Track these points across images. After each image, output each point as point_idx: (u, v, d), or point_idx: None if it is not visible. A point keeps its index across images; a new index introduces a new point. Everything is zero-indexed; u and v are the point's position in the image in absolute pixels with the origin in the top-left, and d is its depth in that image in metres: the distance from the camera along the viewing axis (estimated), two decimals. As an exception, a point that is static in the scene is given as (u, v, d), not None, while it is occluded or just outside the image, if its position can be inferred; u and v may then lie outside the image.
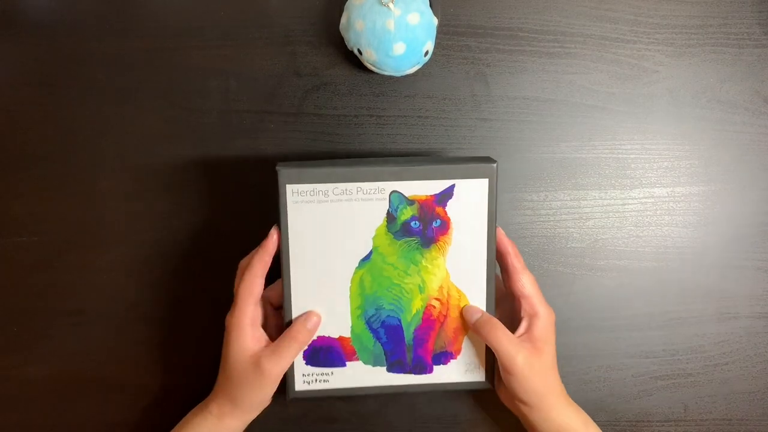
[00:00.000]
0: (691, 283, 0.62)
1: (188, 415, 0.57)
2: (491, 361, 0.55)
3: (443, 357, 0.55)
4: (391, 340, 0.55)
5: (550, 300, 0.54)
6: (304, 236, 0.52)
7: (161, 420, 0.62)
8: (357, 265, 0.53)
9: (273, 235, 0.52)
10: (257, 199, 0.60)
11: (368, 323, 0.54)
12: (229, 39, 0.59)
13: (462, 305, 0.54)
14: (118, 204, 0.60)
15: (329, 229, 0.52)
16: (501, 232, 0.54)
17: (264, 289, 0.53)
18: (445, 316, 0.55)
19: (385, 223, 0.52)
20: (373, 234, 0.53)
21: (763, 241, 0.62)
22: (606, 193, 0.61)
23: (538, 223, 0.61)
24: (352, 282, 0.53)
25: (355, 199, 0.52)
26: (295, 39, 0.59)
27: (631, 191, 0.61)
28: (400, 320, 0.54)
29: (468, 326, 0.55)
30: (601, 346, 0.62)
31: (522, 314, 0.54)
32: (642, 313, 0.62)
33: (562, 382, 0.55)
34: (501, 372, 0.54)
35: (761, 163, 0.61)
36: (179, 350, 0.61)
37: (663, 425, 0.63)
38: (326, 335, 0.54)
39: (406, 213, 0.52)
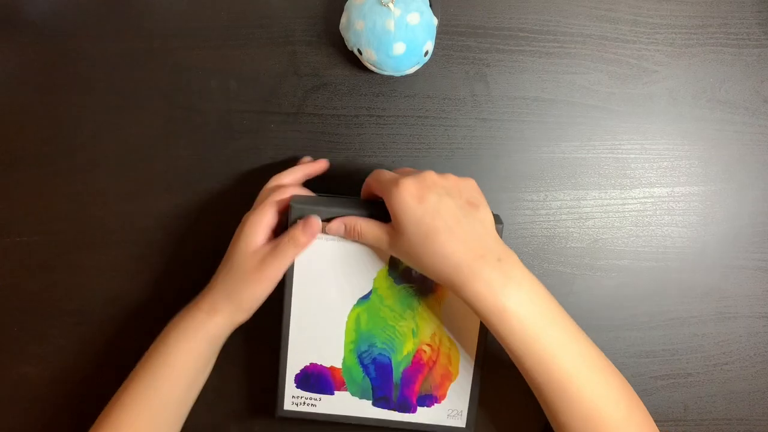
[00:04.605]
0: (691, 283, 0.62)
1: (178, 315, 0.55)
2: (474, 409, 0.56)
3: (428, 399, 0.56)
4: (380, 377, 0.56)
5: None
6: (309, 269, 0.54)
7: (161, 420, 0.62)
8: (356, 302, 0.54)
9: (321, 162, 0.58)
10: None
11: (360, 358, 0.55)
12: (229, 39, 0.59)
13: (452, 355, 0.55)
14: (118, 204, 0.60)
15: (333, 266, 0.53)
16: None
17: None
18: (435, 362, 0.55)
19: (387, 267, 0.54)
20: (374, 276, 0.54)
21: (763, 241, 0.62)
22: (606, 193, 0.61)
23: (538, 223, 0.61)
24: (348, 317, 0.55)
25: None
26: (295, 39, 0.59)
27: (631, 191, 0.61)
28: (390, 359, 0.55)
29: (450, 373, 0.55)
30: (601, 346, 0.62)
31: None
32: (642, 313, 0.62)
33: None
34: None
35: (761, 163, 0.61)
36: (179, 350, 0.61)
37: (663, 425, 0.63)
38: (319, 363, 0.55)
39: None
